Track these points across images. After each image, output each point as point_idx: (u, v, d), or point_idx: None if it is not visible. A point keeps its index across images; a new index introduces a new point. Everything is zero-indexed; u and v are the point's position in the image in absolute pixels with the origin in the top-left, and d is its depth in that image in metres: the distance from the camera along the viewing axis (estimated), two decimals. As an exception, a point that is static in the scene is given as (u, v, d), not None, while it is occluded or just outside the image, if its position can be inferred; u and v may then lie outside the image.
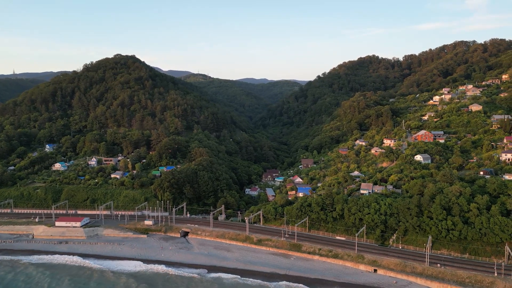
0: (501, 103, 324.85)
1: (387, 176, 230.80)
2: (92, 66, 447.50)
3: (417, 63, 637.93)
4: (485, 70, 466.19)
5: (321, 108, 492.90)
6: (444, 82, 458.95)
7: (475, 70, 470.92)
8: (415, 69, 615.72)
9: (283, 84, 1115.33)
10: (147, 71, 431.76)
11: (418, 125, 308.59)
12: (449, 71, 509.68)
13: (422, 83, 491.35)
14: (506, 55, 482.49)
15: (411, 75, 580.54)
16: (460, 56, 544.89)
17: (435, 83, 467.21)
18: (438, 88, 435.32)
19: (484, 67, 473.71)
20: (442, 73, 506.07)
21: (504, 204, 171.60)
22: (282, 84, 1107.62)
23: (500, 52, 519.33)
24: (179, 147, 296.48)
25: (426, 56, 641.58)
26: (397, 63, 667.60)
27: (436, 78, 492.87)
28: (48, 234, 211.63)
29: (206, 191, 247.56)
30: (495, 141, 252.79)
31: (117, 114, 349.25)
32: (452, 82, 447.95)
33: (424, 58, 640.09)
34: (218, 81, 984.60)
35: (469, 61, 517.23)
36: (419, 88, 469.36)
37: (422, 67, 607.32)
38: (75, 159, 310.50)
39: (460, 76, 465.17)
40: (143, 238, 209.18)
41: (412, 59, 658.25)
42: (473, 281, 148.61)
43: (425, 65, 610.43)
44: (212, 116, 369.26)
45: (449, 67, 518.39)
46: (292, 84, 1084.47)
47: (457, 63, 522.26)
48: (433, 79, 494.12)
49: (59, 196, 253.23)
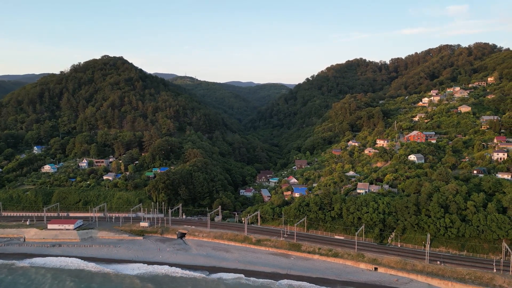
0: (488, 104, 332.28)
1: (382, 175, 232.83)
2: (80, 67, 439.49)
3: (404, 66, 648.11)
4: (470, 73, 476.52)
5: (311, 110, 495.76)
6: (431, 85, 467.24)
7: (461, 73, 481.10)
8: (402, 72, 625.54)
9: (270, 87, 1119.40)
10: (137, 72, 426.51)
11: (409, 126, 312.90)
12: (435, 74, 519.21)
13: (409, 85, 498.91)
14: (490, 59, 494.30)
15: (398, 77, 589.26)
16: (445, 59, 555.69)
17: (423, 86, 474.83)
18: (426, 91, 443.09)
19: (469, 70, 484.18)
20: (429, 76, 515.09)
21: (500, 202, 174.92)
22: (269, 87, 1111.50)
23: (484, 55, 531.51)
24: (172, 148, 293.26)
25: (412, 59, 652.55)
26: (384, 66, 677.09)
27: (423, 81, 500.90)
28: (40, 237, 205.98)
29: (202, 192, 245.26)
30: (485, 141, 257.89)
31: (107, 115, 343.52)
32: (439, 85, 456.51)
33: (410, 61, 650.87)
34: (206, 84, 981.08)
35: (454, 64, 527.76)
36: (407, 91, 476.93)
37: (409, 70, 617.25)
38: (64, 160, 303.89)
39: (447, 78, 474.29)
40: (139, 240, 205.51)
41: (398, 62, 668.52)
42: (473, 277, 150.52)
43: (411, 68, 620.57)
44: (204, 117, 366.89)
45: (435, 70, 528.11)
46: (280, 87, 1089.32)
47: (443, 66, 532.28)
48: (420, 82, 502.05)
49: (50, 199, 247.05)
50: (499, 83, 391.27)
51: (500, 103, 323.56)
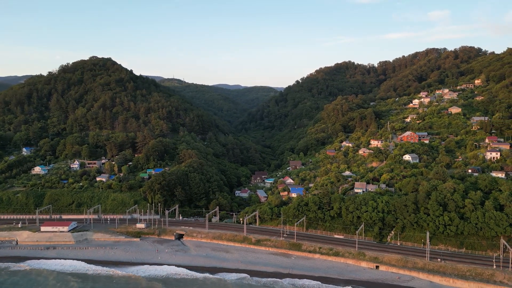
0: (478, 106, 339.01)
1: (378, 175, 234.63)
2: (68, 68, 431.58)
3: (392, 69, 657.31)
4: (457, 75, 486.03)
5: (302, 112, 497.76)
6: (420, 87, 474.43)
7: (448, 76, 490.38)
8: (390, 75, 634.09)
9: (259, 89, 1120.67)
10: (127, 73, 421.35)
11: (402, 126, 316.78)
12: (423, 77, 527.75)
13: (398, 87, 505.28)
14: (476, 62, 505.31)
15: (387, 80, 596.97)
16: (433, 62, 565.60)
17: (411, 88, 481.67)
18: (415, 93, 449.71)
19: (456, 73, 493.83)
20: (417, 79, 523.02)
21: (497, 200, 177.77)
22: (257, 90, 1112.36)
23: (470, 58, 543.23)
24: (166, 149, 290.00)
25: (400, 62, 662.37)
26: (373, 69, 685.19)
27: (411, 83, 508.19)
28: (34, 239, 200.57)
29: (198, 193, 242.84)
30: (477, 141, 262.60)
31: (99, 116, 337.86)
32: (427, 87, 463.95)
33: (398, 64, 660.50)
34: (194, 86, 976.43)
35: (441, 67, 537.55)
36: (396, 93, 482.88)
37: (397, 73, 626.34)
38: (55, 162, 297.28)
39: (434, 81, 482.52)
40: (136, 241, 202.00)
41: (386, 65, 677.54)
42: (473, 274, 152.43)
43: (399, 71, 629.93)
44: (197, 118, 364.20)
45: (423, 72, 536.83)
46: (268, 90, 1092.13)
47: (430, 69, 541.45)
48: (409, 84, 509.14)
49: (42, 201, 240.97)
50: (486, 85, 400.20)
51: (489, 104, 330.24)
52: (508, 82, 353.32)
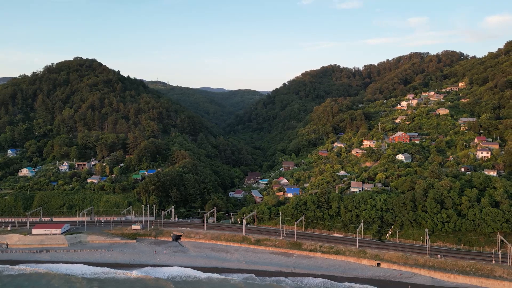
0: (464, 107, 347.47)
1: (373, 174, 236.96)
2: (53, 68, 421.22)
3: (376, 72, 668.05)
4: (441, 79, 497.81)
5: (290, 114, 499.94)
6: (405, 90, 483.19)
7: (432, 79, 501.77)
8: (375, 78, 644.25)
9: (244, 93, 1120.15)
10: (115, 74, 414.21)
11: (392, 127, 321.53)
12: (408, 80, 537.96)
13: (384, 90, 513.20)
14: (459, 65, 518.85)
15: (372, 83, 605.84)
16: (417, 66, 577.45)
17: (397, 91, 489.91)
18: (401, 95, 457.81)
19: (440, 76, 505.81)
20: (402, 82, 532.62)
21: (492, 197, 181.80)
22: (242, 93, 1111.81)
23: (453, 62, 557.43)
24: (159, 150, 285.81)
25: (385, 66, 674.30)
26: (358, 72, 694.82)
27: (397, 86, 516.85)
28: (25, 243, 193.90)
29: (193, 194, 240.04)
30: (466, 141, 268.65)
31: (87, 117, 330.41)
32: (412, 90, 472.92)
33: (382, 68, 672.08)
34: (179, 89, 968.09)
35: (425, 70, 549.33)
36: (382, 95, 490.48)
37: (382, 76, 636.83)
38: (42, 164, 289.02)
39: (419, 84, 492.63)
40: (133, 243, 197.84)
41: (371, 69, 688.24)
42: (473, 269, 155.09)
43: (384, 74, 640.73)
44: (188, 119, 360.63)
45: (408, 76, 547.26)
46: (253, 93, 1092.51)
47: (414, 72, 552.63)
48: (395, 87, 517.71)
49: (31, 203, 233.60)
50: (470, 88, 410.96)
51: (475, 106, 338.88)
52: (492, 84, 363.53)
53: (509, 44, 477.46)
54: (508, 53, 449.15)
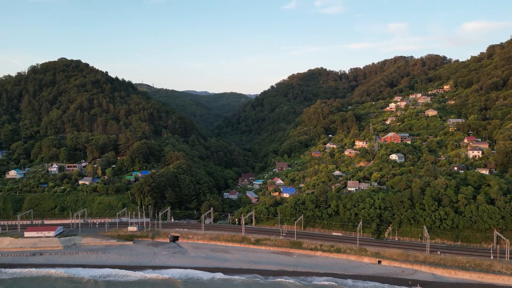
0: (451, 109, 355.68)
1: (368, 174, 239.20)
2: (39, 69, 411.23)
3: (362, 75, 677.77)
4: (426, 81, 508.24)
5: (279, 116, 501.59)
6: (392, 92, 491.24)
7: (417, 82, 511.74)
8: (361, 81, 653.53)
9: (229, 95, 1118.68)
10: (103, 75, 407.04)
11: (383, 128, 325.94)
12: (394, 83, 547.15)
13: (371, 93, 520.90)
14: (443, 69, 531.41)
15: (359, 86, 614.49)
16: (402, 69, 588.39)
17: (384, 93, 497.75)
18: (388, 97, 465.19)
19: (425, 79, 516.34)
20: (388, 84, 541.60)
21: (488, 194, 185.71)
22: (228, 96, 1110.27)
23: (437, 66, 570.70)
24: (151, 151, 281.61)
25: (370, 69, 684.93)
26: (344, 75, 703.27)
27: (383, 89, 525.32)
28: (17, 246, 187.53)
29: (188, 195, 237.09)
30: (456, 141, 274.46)
31: (76, 118, 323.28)
32: (399, 92, 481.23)
33: (368, 71, 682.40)
34: (165, 91, 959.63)
35: (411, 73, 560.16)
36: (370, 97, 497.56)
37: (368, 79, 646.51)
38: (30, 166, 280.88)
39: (405, 87, 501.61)
40: (129, 245, 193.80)
41: (357, 72, 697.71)
42: (473, 265, 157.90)
43: (370, 77, 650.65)
44: (179, 121, 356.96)
45: (394, 79, 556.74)
46: (239, 96, 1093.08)
47: (400, 75, 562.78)
48: (381, 90, 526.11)
49: (21, 205, 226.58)
50: (455, 90, 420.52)
51: (462, 107, 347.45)
52: (478, 86, 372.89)
53: (491, 48, 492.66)
54: (491, 57, 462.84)
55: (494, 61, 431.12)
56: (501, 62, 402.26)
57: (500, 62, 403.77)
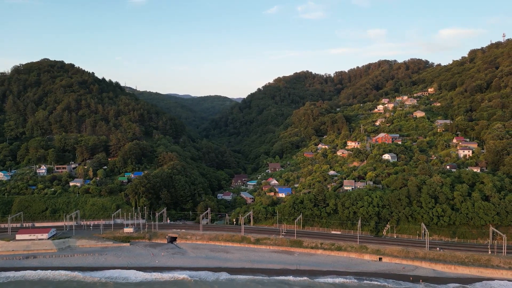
0: (438, 110, 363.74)
1: (363, 173, 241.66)
2: (22, 69, 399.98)
3: (347, 79, 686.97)
4: (410, 84, 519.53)
5: (268, 119, 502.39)
6: (378, 95, 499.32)
7: (402, 85, 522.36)
8: (346, 84, 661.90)
9: (214, 99, 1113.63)
10: (90, 76, 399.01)
11: (373, 129, 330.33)
12: (379, 86, 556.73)
13: (357, 95, 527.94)
14: (427, 72, 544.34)
15: (344, 89, 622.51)
16: (386, 72, 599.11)
17: (370, 96, 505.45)
18: (374, 100, 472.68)
19: (409, 82, 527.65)
20: (374, 87, 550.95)
21: (482, 191, 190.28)
22: (212, 99, 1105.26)
23: (420, 69, 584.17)
24: (144, 152, 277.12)
25: (355, 72, 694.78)
26: (330, 78, 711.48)
27: (369, 92, 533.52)
28: (9, 249, 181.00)
29: (184, 195, 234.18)
30: (446, 141, 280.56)
31: (63, 119, 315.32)
32: (384, 95, 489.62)
33: (353, 74, 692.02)
34: (148, 94, 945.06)
35: (395, 77, 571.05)
36: (356, 100, 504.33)
37: (353, 82, 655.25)
38: (16, 168, 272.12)
39: (391, 89, 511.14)
40: (126, 246, 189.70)
41: (342, 75, 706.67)
42: (471, 260, 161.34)
43: (354, 81, 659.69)
44: (170, 122, 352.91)
45: (379, 82, 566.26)
46: (223, 99, 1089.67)
47: (385, 78, 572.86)
48: (367, 92, 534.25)
49: (10, 208, 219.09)
50: (440, 93, 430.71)
51: (448, 109, 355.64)
52: (462, 89, 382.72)
53: (473, 52, 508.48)
54: (473, 61, 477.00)
55: (476, 64, 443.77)
56: (484, 65, 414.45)
57: (482, 66, 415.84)
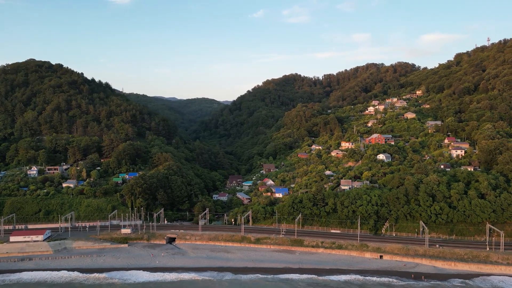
0: (427, 112, 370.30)
1: (359, 173, 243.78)
2: (9, 69, 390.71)
3: (336, 81, 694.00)
4: (398, 87, 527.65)
5: (258, 120, 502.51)
6: (367, 97, 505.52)
7: (390, 88, 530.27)
8: (335, 87, 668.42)
9: (201, 101, 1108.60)
10: (80, 76, 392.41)
11: (366, 130, 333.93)
12: (368, 88, 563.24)
13: (347, 98, 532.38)
14: (414, 75, 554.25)
15: (334, 91, 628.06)
16: (375, 75, 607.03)
17: (360, 98, 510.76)
18: (364, 102, 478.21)
19: (397, 85, 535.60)
20: (363, 90, 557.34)
21: (478, 189, 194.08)
22: (200, 101, 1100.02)
23: (407, 72, 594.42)
24: (138, 153, 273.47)
25: (344, 75, 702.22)
26: (318, 81, 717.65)
27: (359, 94, 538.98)
28: (3, 251, 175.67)
29: (180, 196, 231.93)
30: (438, 142, 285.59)
31: (53, 119, 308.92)
32: (373, 97, 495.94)
33: (342, 77, 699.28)
34: (135, 96, 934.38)
35: (383, 80, 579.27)
36: (346, 102, 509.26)
37: (341, 85, 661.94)
38: (5, 169, 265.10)
39: (379, 92, 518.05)
40: (125, 247, 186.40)
41: (331, 78, 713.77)
42: (470, 256, 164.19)
43: (343, 83, 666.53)
44: (163, 123, 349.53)
45: (368, 84, 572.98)
46: (211, 102, 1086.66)
47: (373, 81, 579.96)
48: (356, 95, 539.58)
49: (1, 210, 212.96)
50: (428, 95, 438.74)
51: (437, 111, 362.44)
52: (451, 91, 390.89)
53: (459, 56, 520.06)
54: (459, 64, 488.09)
55: (463, 67, 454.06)
56: (471, 68, 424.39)
57: (469, 69, 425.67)
